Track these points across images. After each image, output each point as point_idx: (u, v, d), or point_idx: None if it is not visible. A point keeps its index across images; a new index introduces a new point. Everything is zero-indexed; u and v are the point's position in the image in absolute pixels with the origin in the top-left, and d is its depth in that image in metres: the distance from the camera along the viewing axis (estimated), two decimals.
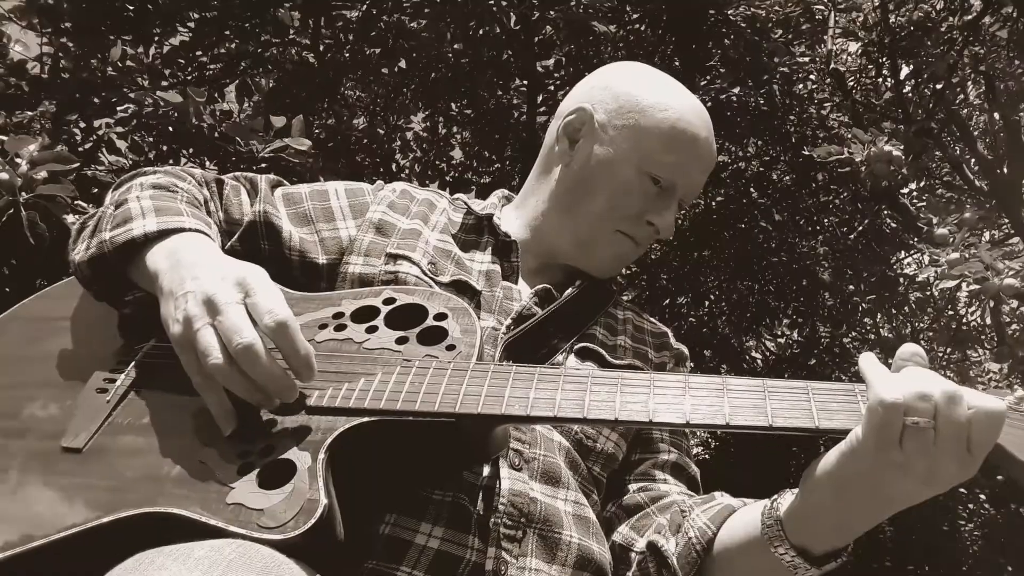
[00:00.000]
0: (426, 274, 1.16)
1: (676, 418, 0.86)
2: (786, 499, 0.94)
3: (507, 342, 1.12)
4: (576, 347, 1.20)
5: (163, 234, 1.00)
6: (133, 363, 1.00)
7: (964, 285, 3.29)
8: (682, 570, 1.03)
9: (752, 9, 4.86)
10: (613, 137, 1.24)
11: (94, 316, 1.08)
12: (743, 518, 1.01)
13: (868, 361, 0.85)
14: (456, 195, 1.38)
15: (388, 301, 1.05)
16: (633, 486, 1.20)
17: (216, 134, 3.12)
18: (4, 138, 2.51)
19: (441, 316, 1.02)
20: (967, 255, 3.36)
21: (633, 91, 1.26)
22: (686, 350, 1.38)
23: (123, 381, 0.98)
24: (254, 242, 1.18)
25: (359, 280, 1.15)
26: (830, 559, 0.91)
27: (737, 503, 1.07)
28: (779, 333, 7.66)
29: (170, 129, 3.16)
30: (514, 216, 1.35)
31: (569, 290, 1.25)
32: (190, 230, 1.01)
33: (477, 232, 1.30)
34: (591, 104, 1.28)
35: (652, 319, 1.40)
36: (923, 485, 0.82)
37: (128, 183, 1.15)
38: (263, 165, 3.00)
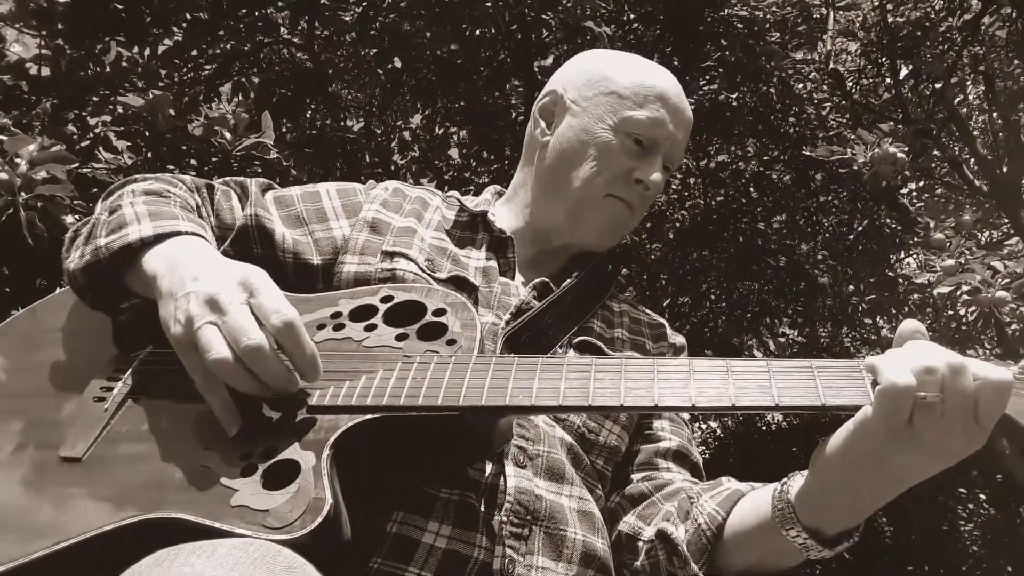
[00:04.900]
0: (423, 271, 1.16)
1: (682, 401, 0.85)
2: (796, 481, 0.93)
3: (507, 335, 1.12)
4: (575, 341, 1.20)
5: (159, 238, 0.98)
6: (130, 371, 0.98)
7: (963, 286, 3.32)
8: (692, 556, 1.02)
9: (748, 9, 4.85)
10: (586, 107, 1.27)
11: (89, 325, 1.06)
12: (753, 502, 1.01)
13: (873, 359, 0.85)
14: (449, 192, 1.38)
15: (386, 299, 1.04)
16: (637, 476, 1.20)
17: (179, 133, 3.11)
18: (3, 138, 2.49)
19: (440, 311, 1.01)
20: (962, 261, 3.41)
21: (598, 66, 1.30)
22: (684, 341, 1.38)
23: (120, 389, 0.96)
24: (246, 246, 1.17)
25: (355, 279, 1.14)
26: (842, 540, 0.91)
27: (745, 487, 1.06)
28: (779, 333, 7.67)
29: (138, 128, 3.16)
30: (506, 210, 1.35)
31: (567, 281, 1.24)
32: (186, 233, 1.00)
33: (472, 229, 1.29)
34: (561, 86, 1.32)
35: (648, 311, 1.40)
36: (933, 459, 0.82)
37: (120, 190, 1.14)
38: (234, 164, 2.99)
